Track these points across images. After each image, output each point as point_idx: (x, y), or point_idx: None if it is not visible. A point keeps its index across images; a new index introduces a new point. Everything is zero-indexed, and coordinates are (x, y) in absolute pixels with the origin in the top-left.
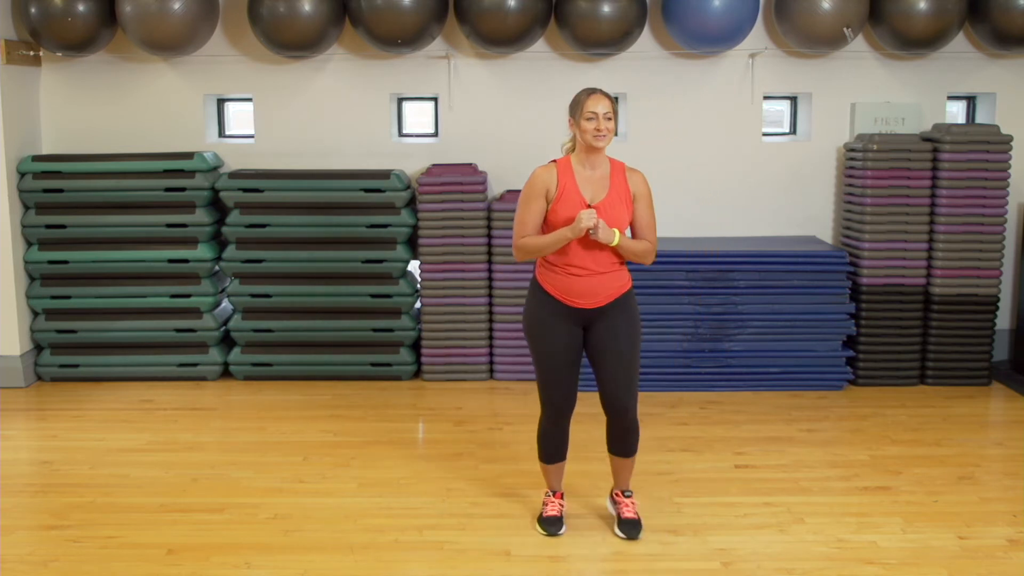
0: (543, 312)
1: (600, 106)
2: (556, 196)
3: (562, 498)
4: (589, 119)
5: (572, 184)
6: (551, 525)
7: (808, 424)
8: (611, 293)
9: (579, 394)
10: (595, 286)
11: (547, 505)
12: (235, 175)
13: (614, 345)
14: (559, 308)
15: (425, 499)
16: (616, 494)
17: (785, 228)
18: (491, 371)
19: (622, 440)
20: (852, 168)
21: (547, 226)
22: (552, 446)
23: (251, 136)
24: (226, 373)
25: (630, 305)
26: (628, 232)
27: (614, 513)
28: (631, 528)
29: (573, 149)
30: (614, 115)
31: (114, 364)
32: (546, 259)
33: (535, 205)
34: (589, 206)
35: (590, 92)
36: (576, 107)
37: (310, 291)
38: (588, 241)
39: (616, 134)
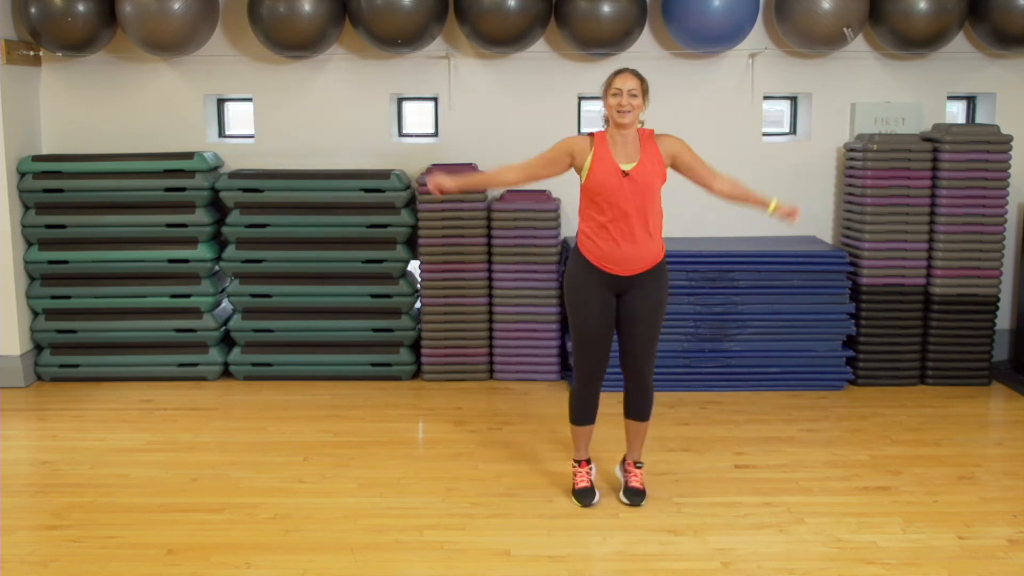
0: (582, 279)
1: (626, 84)
2: (591, 162)
3: (589, 465)
4: (614, 95)
5: (607, 152)
6: (584, 496)
7: (808, 424)
8: (647, 262)
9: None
10: (631, 254)
11: (577, 476)
12: (235, 175)
13: (642, 312)
14: (597, 275)
15: (425, 499)
16: (628, 464)
17: (785, 228)
18: (491, 371)
19: (638, 403)
20: (852, 168)
21: (585, 191)
22: (583, 408)
23: (251, 136)
24: (226, 373)
25: (662, 275)
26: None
27: (622, 480)
28: (635, 496)
29: (605, 122)
30: (642, 94)
31: (114, 364)
32: (587, 228)
33: (548, 154)
34: (624, 171)
35: (619, 71)
36: (606, 85)
37: (310, 291)
38: (627, 213)
39: (645, 110)
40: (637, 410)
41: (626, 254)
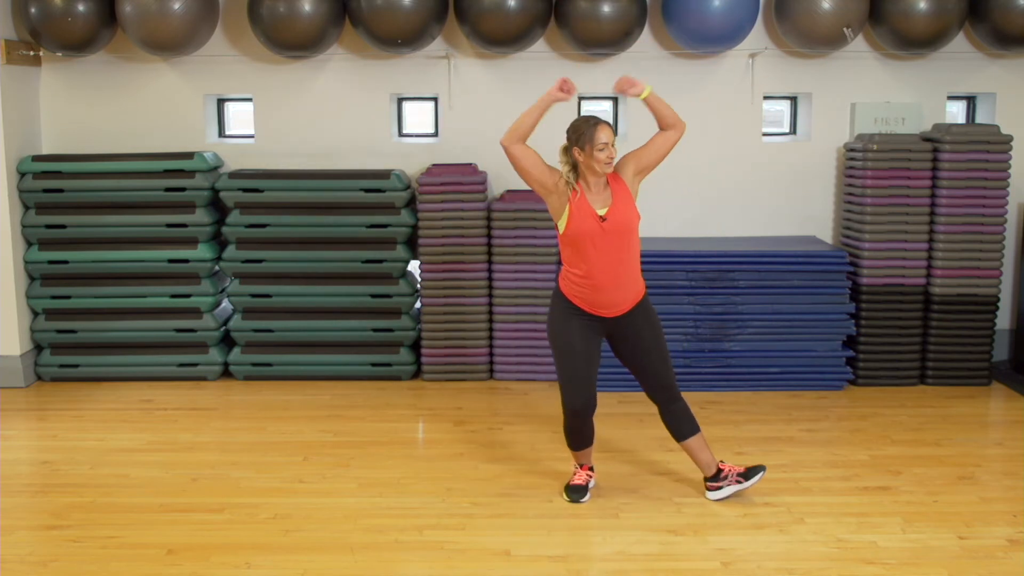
0: (566, 319)
1: (609, 136)
2: (568, 212)
3: (590, 470)
4: (601, 149)
5: (583, 201)
6: (575, 492)
7: (808, 424)
8: (630, 302)
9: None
10: (615, 298)
11: (575, 475)
12: (235, 175)
13: (644, 340)
14: (583, 316)
15: (425, 499)
16: (709, 485)
17: (785, 228)
18: (491, 371)
19: (681, 421)
20: (852, 168)
21: (564, 240)
22: (579, 438)
23: (251, 136)
24: (226, 373)
25: (648, 308)
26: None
27: (733, 486)
28: (753, 471)
29: (571, 170)
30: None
31: (114, 364)
32: (569, 272)
33: (547, 167)
34: (601, 216)
35: (595, 123)
36: (585, 138)
37: (310, 291)
38: (609, 256)
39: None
40: (684, 428)
41: (611, 299)
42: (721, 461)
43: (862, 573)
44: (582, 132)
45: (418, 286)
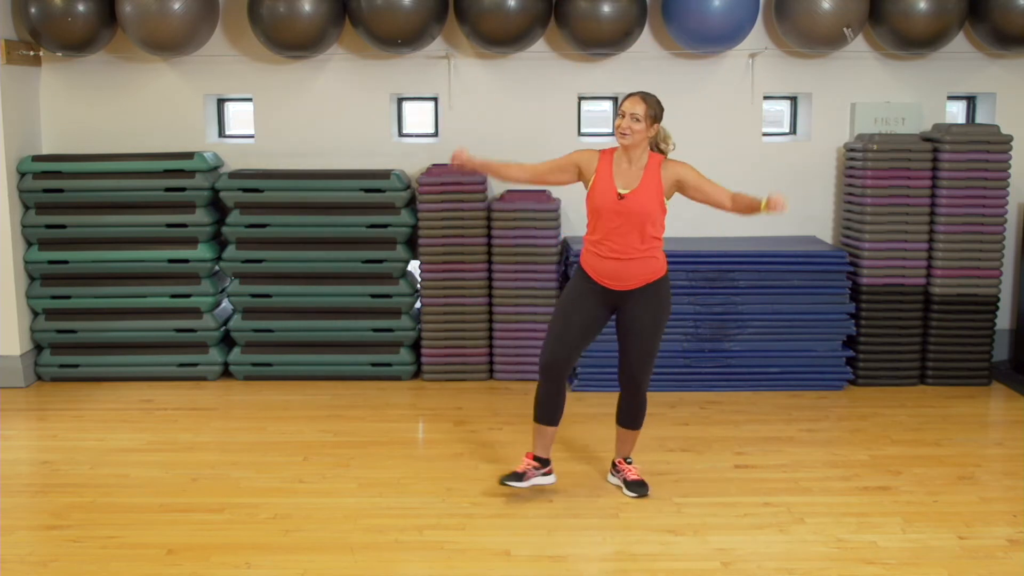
0: (576, 283)
1: (632, 107)
2: (593, 180)
3: (534, 459)
4: (620, 116)
5: (608, 172)
6: (509, 477)
7: (808, 424)
8: (639, 279)
9: (581, 395)
10: (622, 271)
11: (523, 463)
12: (235, 175)
13: (639, 324)
14: (593, 286)
15: (425, 499)
16: (619, 462)
17: (785, 228)
18: (491, 371)
19: (631, 413)
20: (852, 168)
21: (587, 204)
22: (547, 407)
23: (251, 136)
24: (226, 373)
25: (660, 291)
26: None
27: (618, 481)
28: (639, 487)
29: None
30: (646, 119)
31: (114, 364)
32: (587, 237)
33: (558, 161)
34: (620, 194)
35: (632, 93)
36: (619, 103)
37: (310, 291)
38: (620, 231)
39: (612, 134)
40: (630, 419)
41: (615, 270)
42: (624, 459)
43: (862, 573)
44: (621, 99)
45: (418, 286)
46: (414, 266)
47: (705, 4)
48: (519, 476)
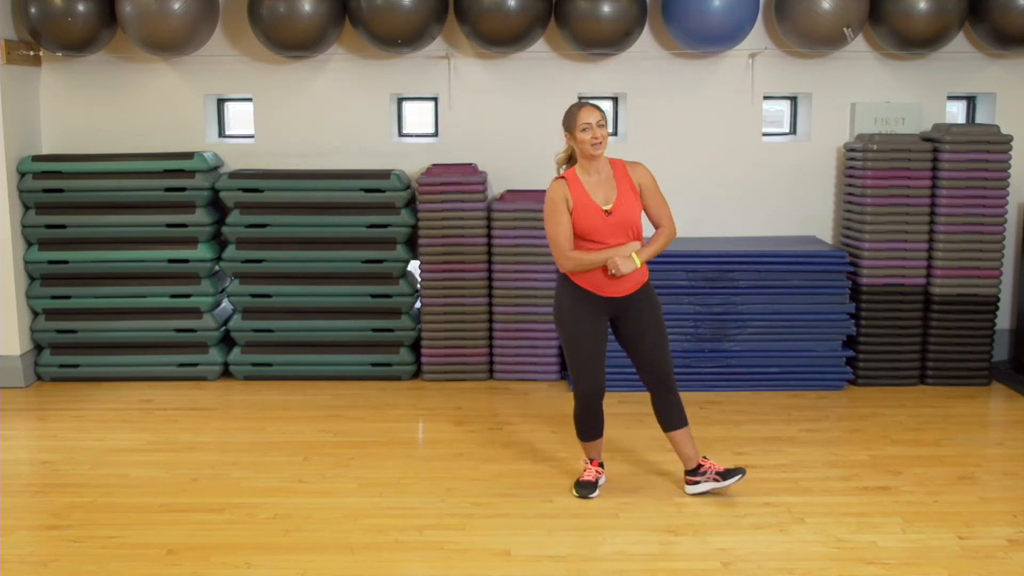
0: (574, 302)
1: (592, 116)
2: (572, 208)
3: (600, 466)
4: (584, 130)
5: (583, 194)
6: (584, 488)
7: (808, 424)
8: (635, 282)
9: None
10: (619, 280)
11: (585, 471)
12: (235, 175)
13: (646, 324)
14: (589, 298)
15: (425, 499)
16: (701, 462)
17: (785, 228)
18: (491, 371)
19: (671, 410)
20: (852, 168)
21: (572, 232)
22: (589, 426)
23: (251, 136)
24: (226, 373)
25: (651, 293)
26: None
27: (710, 483)
28: (735, 472)
29: (566, 160)
30: (606, 121)
31: (114, 364)
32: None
33: (563, 219)
34: (606, 211)
35: (580, 105)
36: (570, 121)
37: (310, 291)
38: (614, 242)
39: (614, 134)
40: (675, 417)
41: (613, 279)
42: (704, 457)
43: (862, 573)
44: (570, 115)
45: (418, 286)
46: (414, 266)
47: (705, 4)
48: (594, 485)
